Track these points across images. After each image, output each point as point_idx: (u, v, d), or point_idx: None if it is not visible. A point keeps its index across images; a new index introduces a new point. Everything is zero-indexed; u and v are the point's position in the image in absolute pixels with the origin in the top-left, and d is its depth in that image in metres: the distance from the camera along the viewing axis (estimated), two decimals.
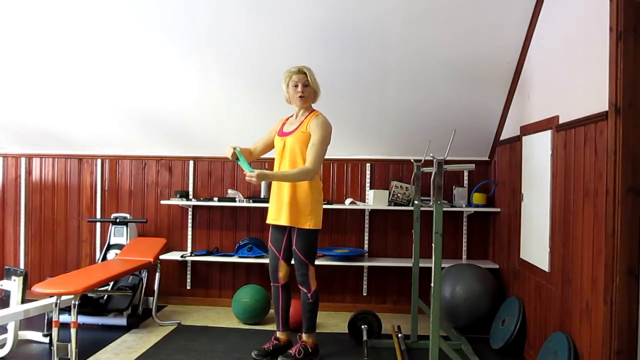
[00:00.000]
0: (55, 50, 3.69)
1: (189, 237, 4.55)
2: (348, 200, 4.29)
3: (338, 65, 3.63)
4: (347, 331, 3.64)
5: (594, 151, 2.46)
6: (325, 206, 4.21)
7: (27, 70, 3.87)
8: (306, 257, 3.18)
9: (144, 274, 3.98)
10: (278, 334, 3.34)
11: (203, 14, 3.38)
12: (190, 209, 4.54)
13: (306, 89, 3.17)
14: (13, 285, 3.25)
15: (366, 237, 4.42)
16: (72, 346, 2.91)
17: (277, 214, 3.19)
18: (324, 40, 3.47)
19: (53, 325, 2.93)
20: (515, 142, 3.65)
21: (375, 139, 4.24)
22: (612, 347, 2.25)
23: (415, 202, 3.39)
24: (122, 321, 3.78)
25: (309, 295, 3.22)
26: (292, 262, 3.25)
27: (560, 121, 2.86)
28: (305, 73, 3.17)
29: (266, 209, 3.39)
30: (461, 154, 4.21)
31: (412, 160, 3.46)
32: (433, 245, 2.52)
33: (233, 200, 4.30)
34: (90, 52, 3.67)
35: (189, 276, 4.55)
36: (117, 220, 4.37)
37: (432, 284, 2.56)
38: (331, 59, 3.59)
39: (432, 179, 2.57)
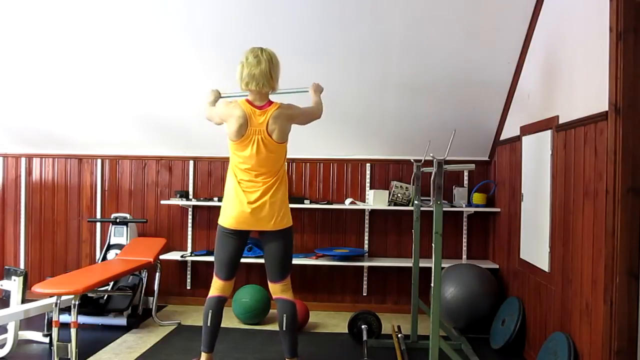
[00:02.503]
0: (55, 51, 3.69)
1: (189, 237, 4.55)
2: (348, 200, 4.29)
3: (338, 65, 3.63)
4: (347, 331, 3.64)
5: (594, 151, 2.46)
6: (325, 206, 4.24)
7: (28, 71, 3.87)
8: None
9: (144, 274, 3.98)
10: None
11: (203, 13, 3.38)
12: (190, 209, 4.54)
13: None
14: (13, 285, 3.25)
15: (366, 237, 4.42)
16: (72, 346, 2.91)
17: None
18: (325, 41, 3.47)
19: (53, 325, 2.93)
20: (515, 142, 3.65)
21: (375, 139, 4.24)
22: (612, 347, 2.25)
23: (415, 202, 3.39)
24: (122, 321, 3.78)
25: None
26: (271, 267, 2.91)
27: (560, 121, 2.86)
28: None
29: None
30: (461, 154, 4.21)
31: (412, 160, 3.45)
32: (433, 245, 2.52)
33: None
34: (91, 52, 3.67)
35: (189, 276, 4.55)
36: (117, 220, 4.37)
37: (432, 284, 2.56)
38: (332, 59, 3.60)
39: (432, 179, 2.57)
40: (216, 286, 2.93)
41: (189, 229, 4.55)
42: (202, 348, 2.90)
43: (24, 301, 3.26)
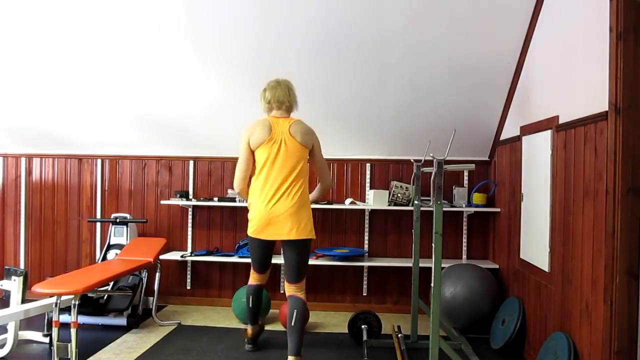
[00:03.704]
0: (56, 51, 3.69)
1: (189, 237, 4.55)
2: (348, 200, 4.29)
3: (338, 65, 3.63)
4: (347, 331, 3.64)
5: (594, 151, 2.46)
6: (325, 206, 4.24)
7: (28, 71, 3.87)
8: None
9: (144, 274, 3.98)
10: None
11: (203, 14, 3.38)
12: (190, 209, 4.54)
13: None
14: (13, 285, 3.25)
15: (366, 237, 4.42)
16: (72, 346, 2.91)
17: None
18: (324, 40, 3.47)
19: (53, 325, 2.93)
20: (515, 142, 3.65)
21: (375, 139, 4.24)
22: (612, 347, 2.25)
23: (415, 202, 3.39)
24: (122, 321, 3.78)
25: None
26: (287, 270, 3.11)
27: (560, 121, 2.86)
28: None
29: None
30: (461, 154, 4.21)
31: (412, 160, 3.45)
32: (433, 245, 2.53)
33: (233, 200, 4.30)
34: (91, 52, 3.68)
35: (189, 276, 4.55)
36: (117, 220, 4.37)
37: (432, 284, 2.57)
38: (331, 59, 3.60)
39: (432, 179, 2.57)
40: (254, 277, 3.35)
41: (189, 229, 4.55)
42: (248, 323, 3.42)
43: (24, 301, 3.26)
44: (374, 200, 4.17)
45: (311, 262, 4.17)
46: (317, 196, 3.40)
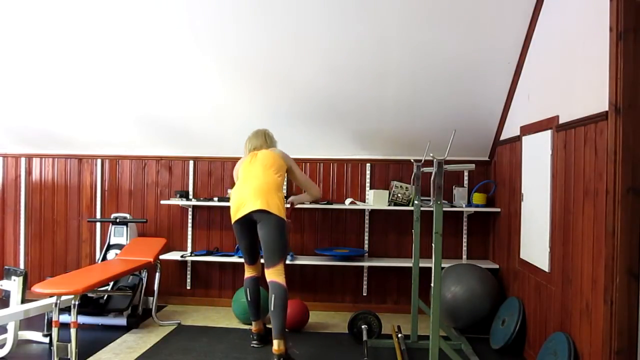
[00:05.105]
0: (56, 51, 3.69)
1: (189, 237, 4.55)
2: (348, 200, 4.29)
3: (338, 65, 3.63)
4: (347, 331, 3.64)
5: (594, 151, 2.46)
6: (325, 206, 4.24)
7: (28, 71, 3.87)
8: None
9: (144, 274, 3.98)
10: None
11: (203, 14, 3.38)
12: (190, 209, 4.54)
13: None
14: (13, 285, 3.25)
15: (366, 237, 4.42)
16: (72, 346, 2.91)
17: None
18: (323, 40, 3.47)
19: (53, 325, 2.93)
20: (515, 142, 3.65)
21: (375, 139, 4.24)
22: (612, 347, 2.25)
23: (415, 202, 3.39)
24: (122, 321, 3.78)
25: None
26: (264, 254, 3.29)
27: (560, 121, 2.86)
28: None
29: None
30: (461, 154, 4.21)
31: (412, 160, 3.45)
32: (433, 245, 2.53)
33: None
34: (91, 53, 3.67)
35: (189, 276, 4.55)
36: (117, 220, 4.37)
37: (432, 284, 2.57)
38: (331, 59, 3.59)
39: (432, 179, 2.57)
40: (247, 270, 3.54)
41: (189, 229, 4.55)
42: (251, 318, 3.51)
43: (24, 301, 3.26)
44: (374, 200, 4.17)
45: (311, 262, 4.19)
46: (306, 199, 3.75)
